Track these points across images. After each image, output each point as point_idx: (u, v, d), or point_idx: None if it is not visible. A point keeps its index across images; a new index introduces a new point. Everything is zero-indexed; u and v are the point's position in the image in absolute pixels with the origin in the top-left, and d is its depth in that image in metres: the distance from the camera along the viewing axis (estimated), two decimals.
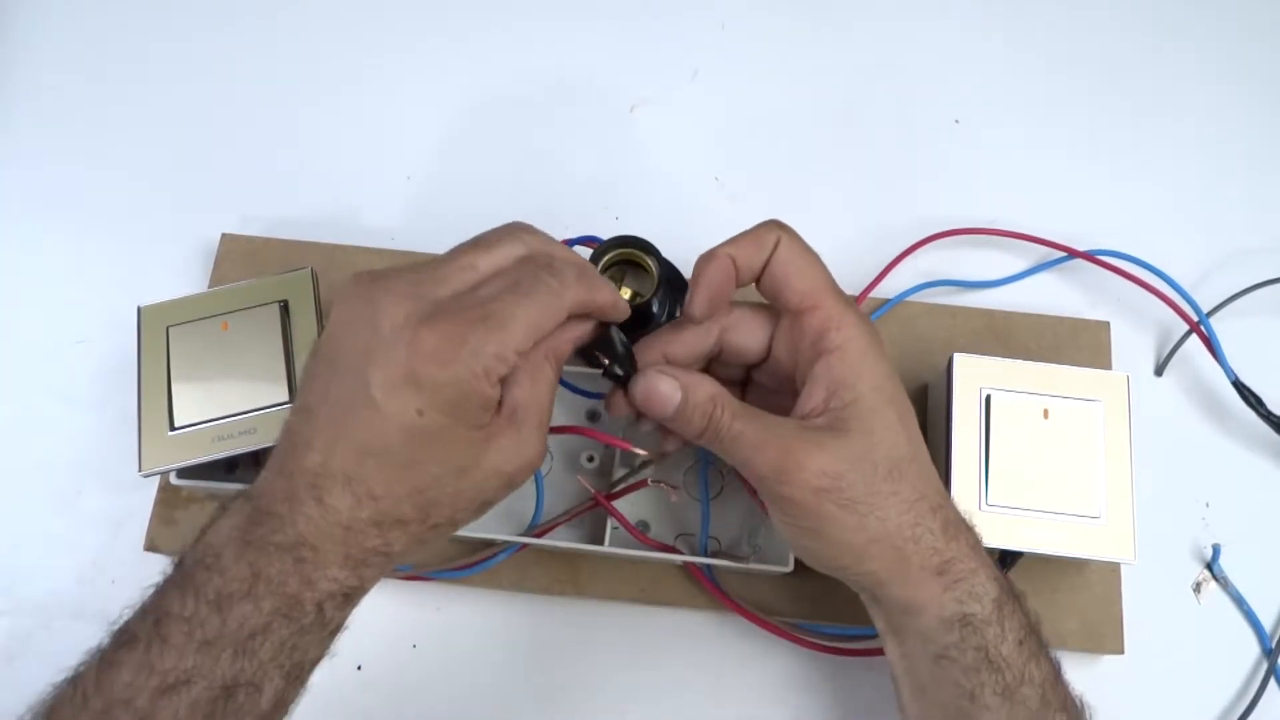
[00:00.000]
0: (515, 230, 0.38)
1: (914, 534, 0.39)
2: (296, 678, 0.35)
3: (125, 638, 0.34)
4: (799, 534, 0.40)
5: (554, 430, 0.45)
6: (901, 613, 0.41)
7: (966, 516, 0.41)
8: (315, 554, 0.34)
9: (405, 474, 0.34)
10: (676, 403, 0.39)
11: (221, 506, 0.36)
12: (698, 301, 0.40)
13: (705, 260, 0.39)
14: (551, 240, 0.39)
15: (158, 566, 0.35)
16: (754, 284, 0.41)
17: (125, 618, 0.35)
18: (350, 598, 0.36)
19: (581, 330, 0.39)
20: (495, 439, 0.36)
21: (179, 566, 0.35)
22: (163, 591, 0.34)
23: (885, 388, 0.39)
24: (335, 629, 0.36)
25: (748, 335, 0.42)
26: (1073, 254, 0.57)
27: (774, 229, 0.40)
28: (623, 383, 0.40)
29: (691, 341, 0.42)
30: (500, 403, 0.36)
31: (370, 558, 0.35)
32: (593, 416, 0.53)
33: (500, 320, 0.34)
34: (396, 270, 0.36)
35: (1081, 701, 0.40)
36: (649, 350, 0.42)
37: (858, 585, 0.41)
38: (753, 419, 0.39)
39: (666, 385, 0.39)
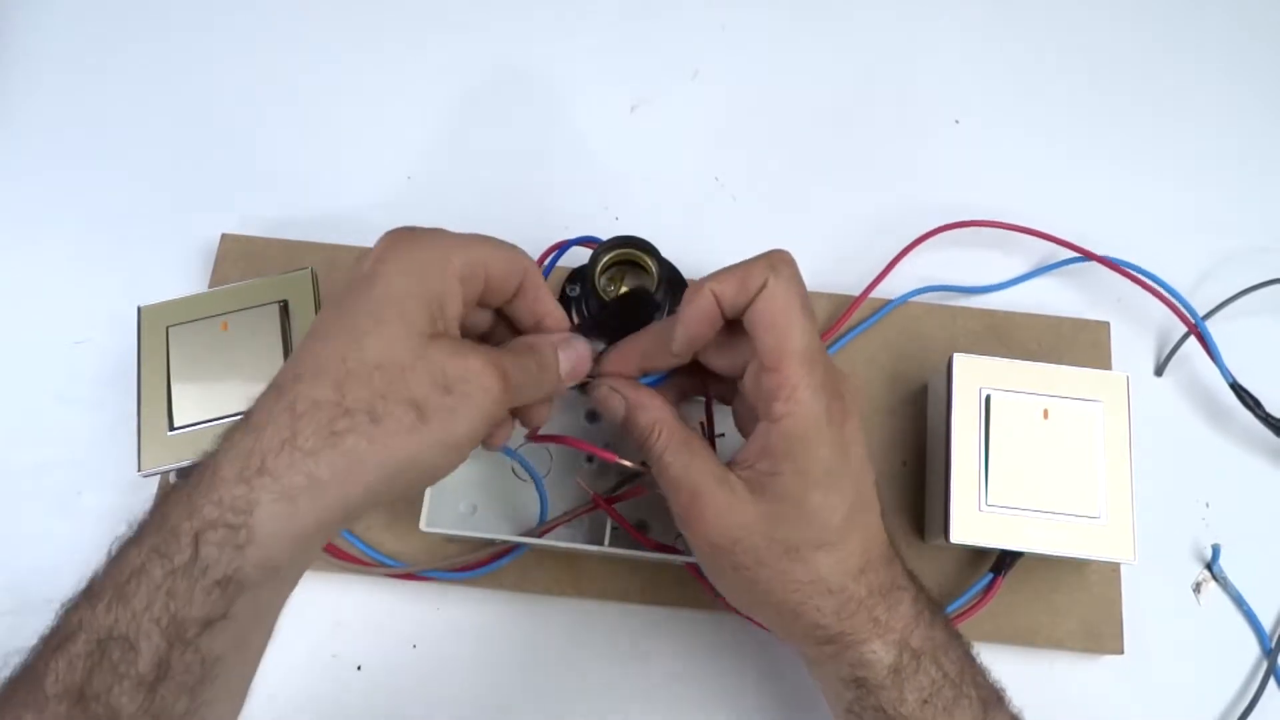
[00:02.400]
0: None
1: (796, 610, 0.38)
2: (179, 639, 0.32)
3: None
4: (702, 566, 0.42)
5: (542, 439, 0.45)
6: (805, 661, 0.42)
7: (889, 584, 0.39)
8: (215, 469, 0.33)
9: (341, 334, 0.35)
10: (621, 417, 0.41)
11: None
12: (677, 342, 0.39)
13: (690, 294, 0.38)
14: None
15: None
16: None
17: None
18: (233, 533, 0.32)
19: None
20: (440, 340, 0.35)
21: None
22: None
23: (815, 471, 0.37)
24: (218, 580, 0.32)
25: (722, 360, 0.41)
26: (1074, 249, 0.57)
27: (765, 269, 0.37)
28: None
29: (667, 358, 0.41)
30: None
31: (269, 460, 0.33)
32: (592, 417, 0.53)
33: (473, 237, 0.38)
34: None
35: None
36: (625, 353, 0.41)
37: None
38: (682, 453, 0.39)
39: (614, 401, 0.41)
